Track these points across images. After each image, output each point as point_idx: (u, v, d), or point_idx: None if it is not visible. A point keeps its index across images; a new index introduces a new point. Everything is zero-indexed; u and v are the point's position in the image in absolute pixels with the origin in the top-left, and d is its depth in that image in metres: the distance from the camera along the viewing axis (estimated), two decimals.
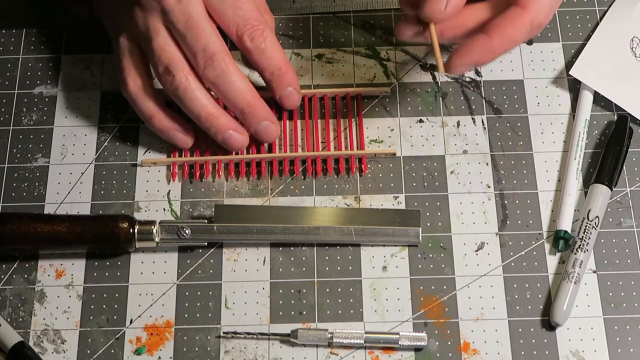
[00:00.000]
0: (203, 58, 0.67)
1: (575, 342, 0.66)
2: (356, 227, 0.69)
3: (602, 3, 0.78)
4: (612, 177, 0.70)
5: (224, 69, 0.67)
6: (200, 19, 0.67)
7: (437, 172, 0.72)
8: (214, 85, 0.68)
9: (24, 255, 0.69)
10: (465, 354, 0.66)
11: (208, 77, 0.68)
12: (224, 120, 0.69)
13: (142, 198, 0.71)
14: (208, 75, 0.67)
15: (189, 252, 0.69)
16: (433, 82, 0.75)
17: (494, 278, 0.68)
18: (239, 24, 0.69)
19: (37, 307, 0.67)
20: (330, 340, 0.65)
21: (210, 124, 0.69)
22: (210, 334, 0.67)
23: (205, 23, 0.68)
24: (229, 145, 0.70)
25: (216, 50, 0.67)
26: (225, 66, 0.67)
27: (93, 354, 0.66)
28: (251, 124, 0.70)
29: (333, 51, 0.77)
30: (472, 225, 0.70)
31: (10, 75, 0.76)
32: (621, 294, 0.68)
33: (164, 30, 0.68)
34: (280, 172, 0.72)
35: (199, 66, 0.67)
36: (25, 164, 0.72)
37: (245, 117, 0.69)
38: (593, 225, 0.68)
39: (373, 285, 0.68)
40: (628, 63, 0.75)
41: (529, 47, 0.77)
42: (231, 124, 0.69)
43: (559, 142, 0.73)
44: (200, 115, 0.68)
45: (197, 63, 0.67)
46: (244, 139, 0.70)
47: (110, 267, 0.69)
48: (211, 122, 0.69)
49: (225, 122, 0.69)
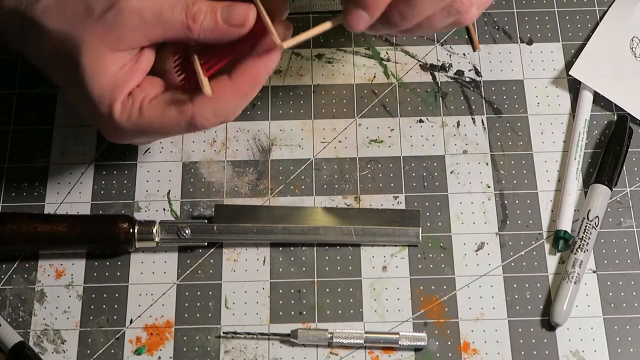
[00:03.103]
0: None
1: (575, 342, 0.66)
2: (356, 227, 0.69)
3: (602, 3, 0.78)
4: (612, 177, 0.70)
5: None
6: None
7: (437, 172, 0.72)
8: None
9: (24, 255, 0.69)
10: (465, 354, 0.66)
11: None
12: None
13: (142, 198, 0.71)
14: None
15: (189, 252, 0.69)
16: (433, 82, 0.75)
17: (493, 278, 0.68)
18: None
19: (37, 307, 0.67)
20: (330, 340, 0.65)
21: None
22: (210, 334, 0.66)
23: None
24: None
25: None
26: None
27: (93, 354, 0.66)
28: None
29: (333, 51, 0.77)
30: (472, 225, 0.70)
31: (10, 75, 0.76)
32: (621, 294, 0.68)
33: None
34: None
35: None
36: (25, 164, 0.72)
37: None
38: (593, 225, 0.68)
39: (373, 285, 0.68)
40: (628, 63, 0.75)
41: (529, 47, 0.77)
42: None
43: (559, 142, 0.73)
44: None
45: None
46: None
47: (110, 267, 0.69)
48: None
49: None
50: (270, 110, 0.74)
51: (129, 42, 0.60)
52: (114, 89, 0.60)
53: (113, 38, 0.59)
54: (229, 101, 0.61)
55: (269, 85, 0.75)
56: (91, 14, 0.60)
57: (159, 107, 0.61)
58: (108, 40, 0.59)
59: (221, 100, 0.61)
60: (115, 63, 0.60)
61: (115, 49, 0.60)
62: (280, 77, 0.76)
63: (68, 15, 0.60)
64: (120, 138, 0.64)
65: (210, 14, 0.60)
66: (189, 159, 0.73)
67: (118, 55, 0.60)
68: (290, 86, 0.75)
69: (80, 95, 0.61)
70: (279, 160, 0.72)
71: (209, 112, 0.61)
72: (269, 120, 0.74)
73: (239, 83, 0.61)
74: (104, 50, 0.60)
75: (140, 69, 0.61)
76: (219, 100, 0.60)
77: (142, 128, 0.62)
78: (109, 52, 0.60)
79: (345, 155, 0.73)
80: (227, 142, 0.73)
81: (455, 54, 0.77)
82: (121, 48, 0.60)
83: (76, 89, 0.61)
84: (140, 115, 0.61)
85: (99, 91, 0.60)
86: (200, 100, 0.60)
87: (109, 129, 0.63)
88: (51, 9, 0.61)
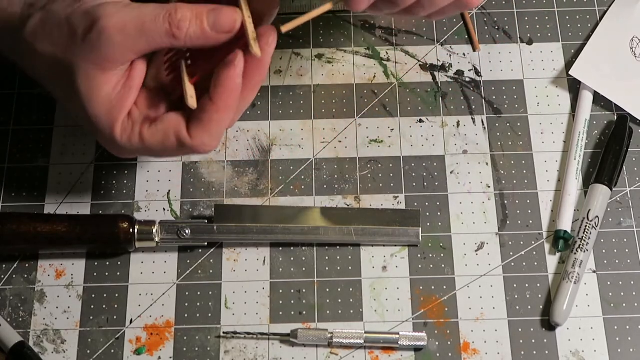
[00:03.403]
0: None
1: (575, 342, 0.66)
2: (356, 227, 0.69)
3: (602, 3, 0.78)
4: (612, 177, 0.70)
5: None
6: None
7: (437, 172, 0.72)
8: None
9: (24, 255, 0.69)
10: (465, 354, 0.66)
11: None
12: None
13: (142, 198, 0.71)
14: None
15: (189, 252, 0.69)
16: (433, 82, 0.75)
17: (494, 278, 0.68)
18: None
19: (37, 307, 0.67)
20: (330, 340, 0.65)
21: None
22: (210, 334, 0.66)
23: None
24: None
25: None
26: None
27: (93, 354, 0.66)
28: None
29: (333, 51, 0.77)
30: (472, 225, 0.70)
31: (10, 75, 0.76)
32: (621, 294, 0.68)
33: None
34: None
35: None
36: (25, 164, 0.72)
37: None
38: (593, 225, 0.68)
39: (373, 285, 0.68)
40: (628, 63, 0.75)
41: (529, 47, 0.77)
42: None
43: (559, 142, 0.73)
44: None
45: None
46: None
47: (110, 267, 0.69)
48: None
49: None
50: (270, 110, 0.74)
51: (117, 59, 0.59)
52: (112, 111, 0.60)
53: (100, 58, 0.59)
54: (220, 121, 0.60)
55: (269, 85, 0.75)
56: (75, 36, 0.59)
57: (159, 135, 0.61)
58: (96, 61, 0.59)
59: (213, 124, 0.60)
60: (107, 83, 0.60)
61: (104, 68, 0.59)
62: (280, 77, 0.76)
63: (54, 39, 0.60)
64: (120, 155, 0.64)
65: (196, 21, 0.58)
66: (189, 159, 0.73)
67: (109, 75, 0.59)
68: (290, 86, 0.75)
69: (79, 113, 0.61)
70: (279, 160, 0.72)
71: (207, 139, 0.60)
72: (269, 120, 0.74)
73: (220, 103, 0.59)
74: (94, 72, 0.59)
75: (133, 85, 0.61)
76: (211, 124, 0.60)
77: (143, 152, 0.62)
78: (100, 73, 0.59)
79: (345, 155, 0.73)
80: (227, 142, 0.73)
81: (455, 54, 0.77)
82: (110, 67, 0.59)
83: (75, 107, 0.61)
84: (141, 141, 0.61)
85: (96, 113, 0.60)
86: (195, 130, 0.60)
87: (112, 147, 0.63)
88: (39, 33, 0.60)
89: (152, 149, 0.61)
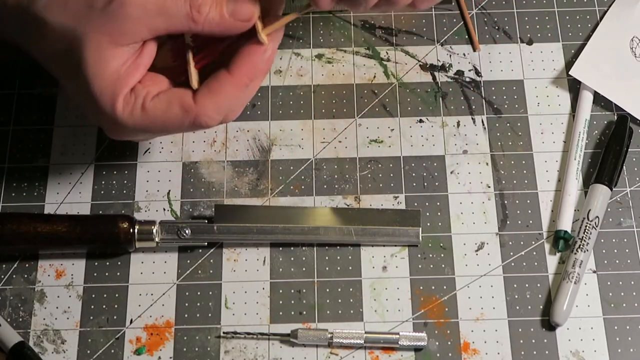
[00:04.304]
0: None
1: (575, 342, 0.66)
2: (356, 227, 0.69)
3: (602, 3, 0.78)
4: (612, 177, 0.70)
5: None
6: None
7: (437, 172, 0.72)
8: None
9: (24, 255, 0.69)
10: (465, 354, 0.66)
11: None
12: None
13: (142, 198, 0.71)
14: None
15: (189, 252, 0.69)
16: (433, 82, 0.75)
17: (494, 278, 0.68)
18: None
19: (37, 307, 0.67)
20: (330, 340, 0.65)
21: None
22: (210, 334, 0.67)
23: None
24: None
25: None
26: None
27: (93, 354, 0.66)
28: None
29: (333, 51, 0.77)
30: (472, 225, 0.70)
31: (10, 75, 0.76)
32: (621, 294, 0.68)
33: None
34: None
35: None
36: (25, 164, 0.72)
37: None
38: (593, 225, 0.68)
39: (373, 285, 0.68)
40: (628, 63, 0.75)
41: (529, 47, 0.77)
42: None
43: (559, 142, 0.73)
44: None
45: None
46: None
47: (110, 267, 0.69)
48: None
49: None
50: (270, 110, 0.74)
51: (132, 35, 0.60)
52: (116, 84, 0.60)
53: (116, 31, 0.59)
54: (230, 95, 0.61)
55: (269, 85, 0.75)
56: (93, 7, 0.59)
57: (162, 104, 0.61)
58: (111, 33, 0.59)
59: (222, 95, 0.61)
60: (117, 58, 0.60)
61: (117, 43, 0.59)
62: (280, 77, 0.76)
63: (70, 9, 0.60)
64: (121, 135, 0.64)
65: (216, 7, 0.59)
66: (189, 159, 0.73)
67: (120, 50, 0.60)
68: (290, 86, 0.75)
69: (81, 91, 0.61)
70: (279, 160, 0.72)
71: (212, 109, 0.61)
72: (269, 120, 0.74)
73: (238, 76, 0.60)
74: (106, 45, 0.59)
75: (142, 63, 0.61)
76: (221, 95, 0.60)
77: (144, 125, 0.62)
78: (111, 46, 0.59)
79: (345, 155, 0.73)
80: (227, 142, 0.73)
81: (455, 54, 0.77)
82: (124, 42, 0.60)
83: (78, 85, 0.61)
84: (143, 112, 0.61)
85: (101, 86, 0.60)
86: (202, 97, 0.60)
87: (111, 125, 0.63)
88: (53, 4, 0.60)
89: (153, 120, 0.61)
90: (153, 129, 0.62)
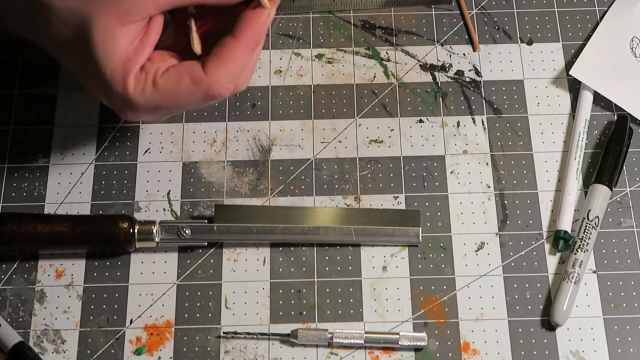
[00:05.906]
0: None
1: (575, 342, 0.66)
2: (356, 227, 0.69)
3: (602, 3, 0.78)
4: (612, 177, 0.70)
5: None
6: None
7: (437, 172, 0.72)
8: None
9: (24, 255, 0.69)
10: (465, 354, 0.66)
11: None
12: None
13: (142, 198, 0.71)
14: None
15: (189, 252, 0.69)
16: (433, 82, 0.76)
17: (494, 278, 0.68)
18: None
19: (37, 307, 0.67)
20: (330, 340, 0.65)
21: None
22: (210, 334, 0.67)
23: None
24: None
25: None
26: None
27: (93, 354, 0.66)
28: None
29: (333, 51, 0.77)
30: (472, 225, 0.70)
31: (10, 75, 0.76)
32: (621, 294, 0.68)
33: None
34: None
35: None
36: (25, 164, 0.72)
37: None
38: (593, 225, 0.68)
39: (373, 285, 0.68)
40: (628, 63, 0.75)
41: (529, 47, 0.77)
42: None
43: (559, 142, 0.73)
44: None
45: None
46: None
47: (110, 267, 0.69)
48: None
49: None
50: (270, 110, 0.74)
51: (139, 11, 0.60)
52: (127, 64, 0.60)
53: (122, 9, 0.59)
54: (239, 61, 0.61)
55: (269, 85, 0.75)
56: None
57: (173, 78, 0.61)
58: (117, 12, 0.59)
59: (232, 62, 0.61)
60: (126, 37, 0.60)
61: (125, 21, 0.60)
62: (280, 77, 0.76)
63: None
64: (134, 114, 0.64)
65: None
66: (189, 159, 0.73)
67: (128, 28, 0.60)
68: (290, 86, 0.75)
69: (92, 74, 0.61)
70: (279, 160, 0.72)
71: (224, 77, 0.61)
72: (269, 120, 0.74)
73: (244, 41, 0.61)
74: (114, 24, 0.59)
75: (149, 41, 0.61)
76: (230, 62, 0.61)
77: (157, 102, 0.62)
78: (119, 25, 0.60)
79: (345, 155, 0.73)
80: (227, 142, 0.73)
81: (455, 54, 0.77)
82: (131, 20, 0.60)
83: (87, 68, 0.61)
84: (155, 88, 0.61)
85: (111, 67, 0.60)
86: (212, 66, 0.61)
87: (124, 105, 0.63)
88: None
89: (165, 96, 0.61)
90: (166, 105, 0.62)
